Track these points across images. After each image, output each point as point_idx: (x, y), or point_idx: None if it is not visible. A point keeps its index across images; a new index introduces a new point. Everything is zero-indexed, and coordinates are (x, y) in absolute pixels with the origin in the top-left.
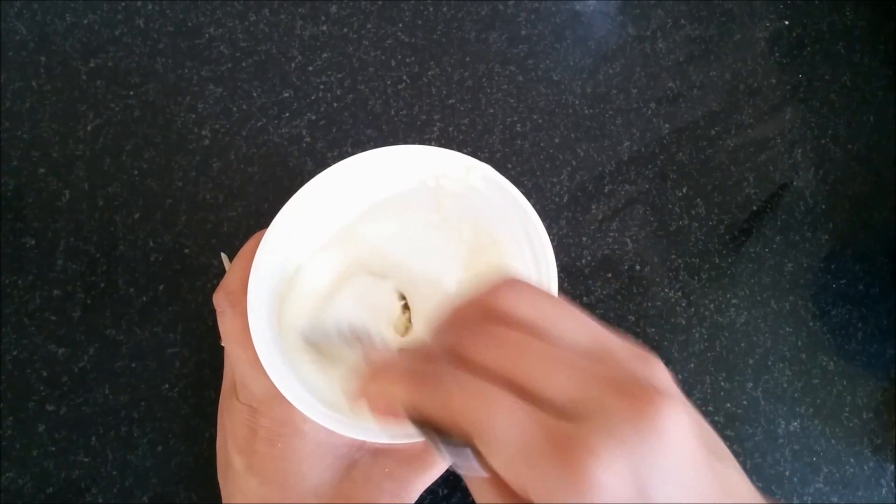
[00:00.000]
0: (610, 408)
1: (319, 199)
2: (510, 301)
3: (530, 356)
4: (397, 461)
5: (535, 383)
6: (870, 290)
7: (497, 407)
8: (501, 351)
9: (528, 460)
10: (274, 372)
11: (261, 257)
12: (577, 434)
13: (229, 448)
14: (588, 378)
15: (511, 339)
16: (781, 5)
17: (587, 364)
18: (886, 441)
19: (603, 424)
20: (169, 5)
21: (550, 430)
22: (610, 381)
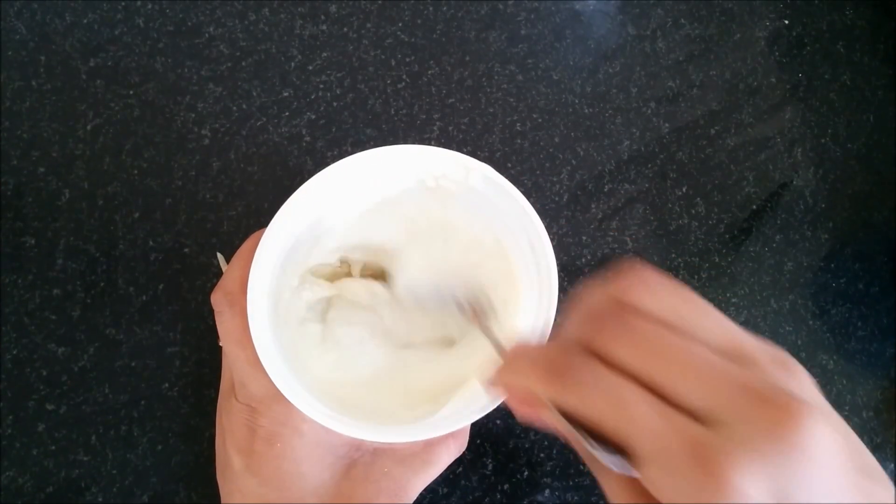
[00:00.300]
0: (751, 417)
1: (318, 198)
2: (647, 294)
3: (667, 355)
4: (396, 461)
5: (672, 384)
6: (869, 289)
7: (635, 410)
8: (637, 348)
9: (667, 466)
10: (273, 371)
11: (259, 257)
12: (716, 442)
13: (228, 447)
14: (727, 382)
15: (647, 335)
16: (781, 4)
17: (726, 367)
18: (886, 440)
19: (743, 434)
20: (169, 5)
21: (689, 436)
22: (750, 387)
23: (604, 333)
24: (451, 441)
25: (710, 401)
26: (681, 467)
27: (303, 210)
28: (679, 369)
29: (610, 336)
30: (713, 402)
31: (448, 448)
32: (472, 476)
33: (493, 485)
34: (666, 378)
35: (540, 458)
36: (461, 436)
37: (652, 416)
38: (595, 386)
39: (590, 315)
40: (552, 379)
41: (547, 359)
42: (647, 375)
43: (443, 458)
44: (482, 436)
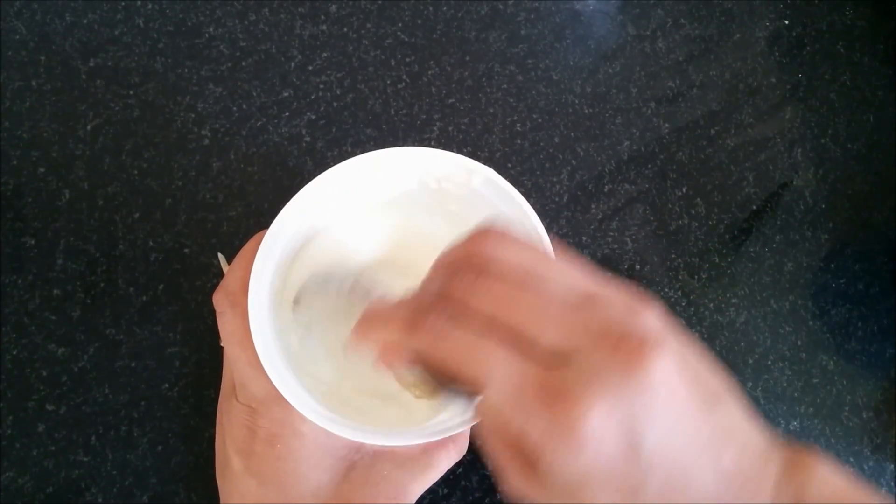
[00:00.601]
0: (597, 356)
1: (321, 199)
2: (498, 251)
3: (517, 301)
4: (395, 464)
5: (522, 327)
6: (869, 290)
7: (493, 357)
8: (492, 301)
9: (521, 407)
10: (274, 373)
11: (261, 258)
12: (565, 382)
13: (228, 448)
14: (575, 327)
15: (501, 289)
16: (781, 5)
17: (574, 313)
18: (886, 440)
19: (591, 372)
20: (168, 5)
21: (541, 378)
22: (597, 329)
23: (459, 282)
24: (450, 445)
25: (557, 343)
26: (533, 408)
27: (305, 211)
28: (528, 314)
29: (464, 284)
30: (561, 343)
31: (448, 452)
32: (473, 476)
33: (493, 485)
34: (516, 322)
35: None
36: (461, 440)
37: (503, 357)
38: (449, 332)
39: (447, 268)
40: (409, 327)
41: (406, 310)
42: (499, 320)
43: (442, 462)
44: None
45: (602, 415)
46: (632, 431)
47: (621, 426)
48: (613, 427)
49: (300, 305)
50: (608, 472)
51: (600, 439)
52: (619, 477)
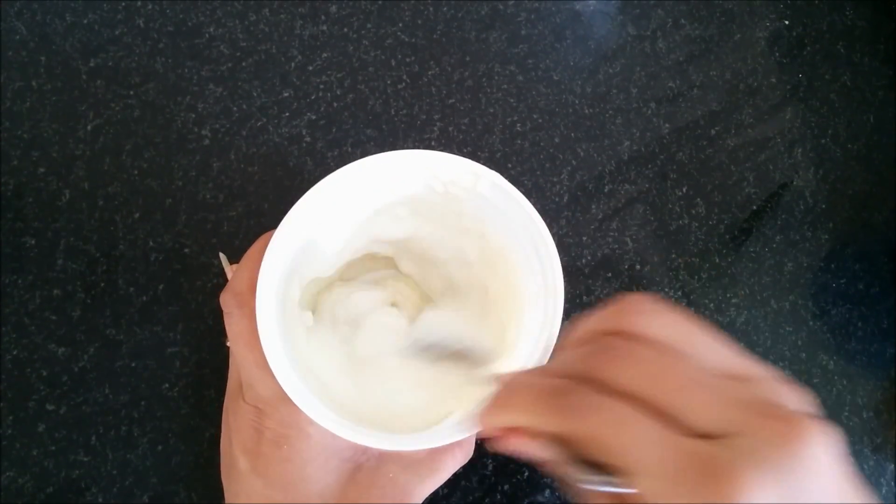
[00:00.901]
0: (756, 431)
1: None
2: (643, 320)
3: (668, 377)
4: (402, 467)
5: (675, 406)
6: (870, 290)
7: (639, 431)
8: (638, 372)
9: (676, 485)
10: (281, 374)
11: (269, 258)
12: (723, 457)
13: (234, 448)
14: (731, 401)
15: (647, 358)
16: (781, 5)
17: (728, 386)
18: (886, 440)
19: (750, 448)
20: (169, 5)
21: (696, 454)
22: (753, 404)
23: (601, 358)
24: (456, 449)
25: (713, 419)
26: (688, 479)
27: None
28: (680, 391)
29: (608, 361)
30: (717, 419)
31: (454, 455)
32: (473, 476)
33: (494, 485)
34: (667, 401)
35: None
36: (467, 443)
37: (655, 433)
38: (596, 410)
39: (584, 342)
40: (551, 408)
41: (544, 389)
42: (648, 398)
43: (448, 465)
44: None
45: (764, 490)
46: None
47: (782, 501)
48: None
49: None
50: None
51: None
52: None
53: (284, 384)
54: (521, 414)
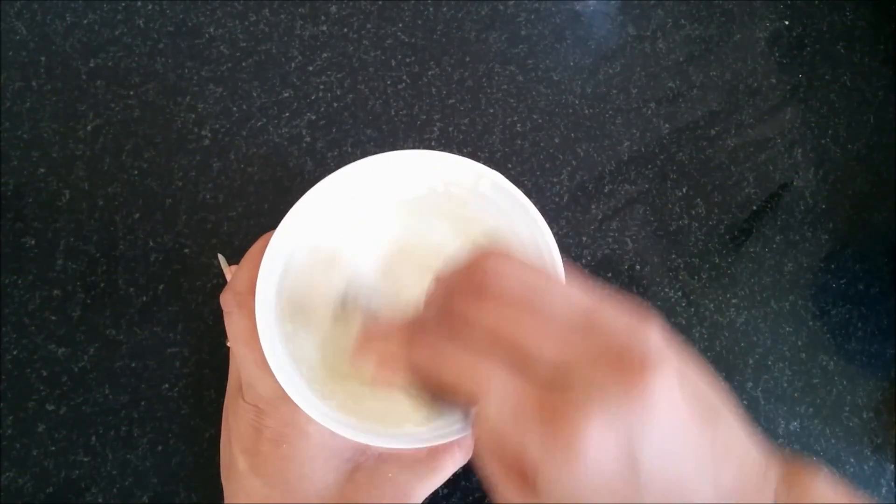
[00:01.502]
0: (598, 378)
1: (329, 201)
2: (500, 270)
3: (519, 325)
4: (401, 466)
5: (523, 351)
6: (870, 290)
7: (491, 374)
8: (492, 319)
9: (519, 424)
10: (281, 373)
11: (269, 258)
12: (566, 402)
13: (234, 448)
14: (575, 346)
15: (501, 308)
16: (781, 5)
17: (574, 333)
18: (886, 441)
19: (590, 390)
20: (169, 5)
21: (540, 396)
22: (597, 349)
23: (460, 300)
24: (455, 448)
25: (557, 361)
26: (529, 422)
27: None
28: (527, 332)
29: (465, 303)
30: (560, 362)
31: (453, 455)
32: (473, 476)
33: None
34: (515, 340)
35: None
36: (466, 444)
37: (501, 373)
38: (448, 347)
39: (447, 286)
40: (408, 341)
41: (407, 325)
42: (499, 338)
43: (448, 465)
44: None
45: (600, 432)
46: (630, 449)
47: (620, 443)
48: (612, 444)
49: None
50: (605, 490)
51: (598, 456)
52: (616, 494)
53: (284, 383)
54: (383, 344)
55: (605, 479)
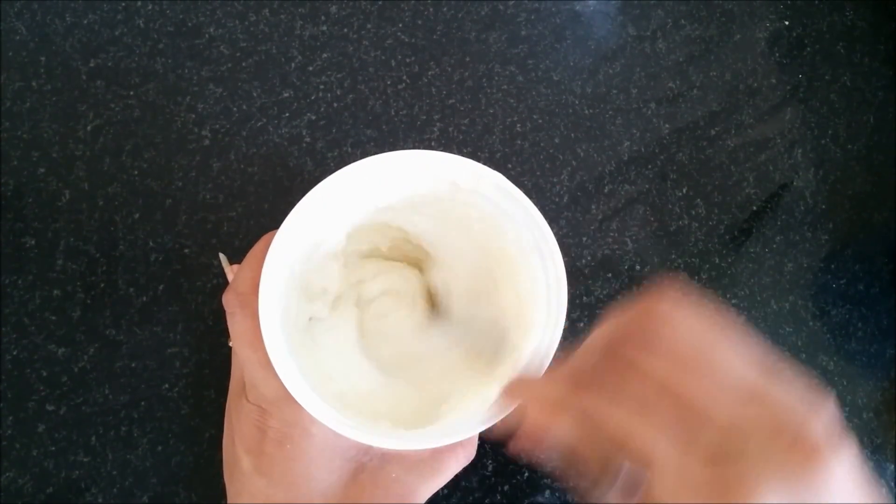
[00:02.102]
0: (771, 449)
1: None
2: (673, 322)
3: (691, 386)
4: (405, 467)
5: (695, 416)
6: (870, 290)
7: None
8: (664, 375)
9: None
10: (285, 374)
11: (272, 258)
12: (739, 471)
13: (237, 448)
14: (747, 417)
15: (674, 366)
16: (781, 5)
17: (747, 404)
18: (886, 441)
19: (765, 465)
20: (169, 5)
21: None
22: (771, 424)
23: (632, 344)
24: (459, 449)
25: (727, 429)
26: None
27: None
28: (699, 393)
29: (634, 352)
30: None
31: (456, 456)
32: (473, 477)
33: (494, 486)
34: (687, 399)
35: (540, 459)
36: (469, 444)
37: (675, 429)
38: (622, 394)
39: (613, 334)
40: (576, 385)
41: (568, 369)
42: (672, 390)
43: (451, 465)
44: (483, 437)
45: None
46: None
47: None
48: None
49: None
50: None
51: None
52: None
53: (288, 384)
54: (545, 388)
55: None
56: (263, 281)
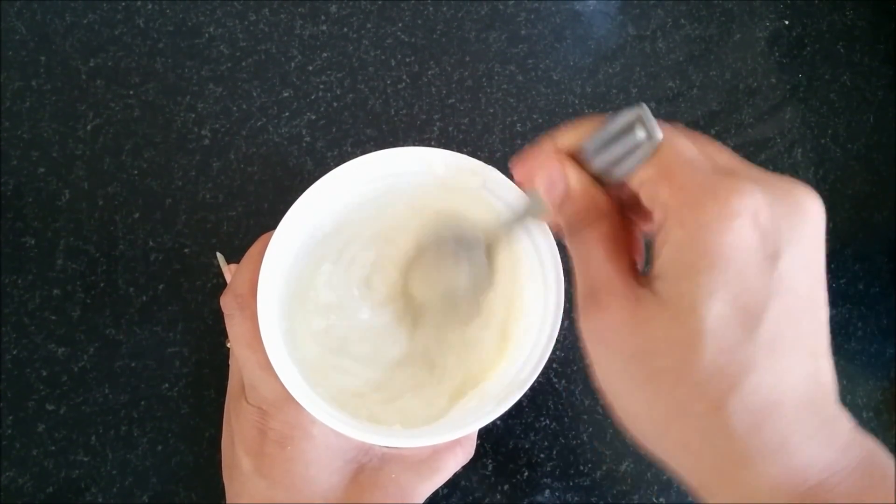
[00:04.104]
0: (769, 177)
1: (327, 199)
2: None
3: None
4: (404, 467)
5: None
6: (869, 290)
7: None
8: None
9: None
10: (285, 375)
11: (269, 259)
12: (737, 174)
13: (237, 449)
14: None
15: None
16: (781, 5)
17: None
18: (886, 440)
19: (759, 184)
20: (169, 5)
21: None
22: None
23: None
24: (458, 448)
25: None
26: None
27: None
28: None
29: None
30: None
31: (455, 455)
32: (473, 476)
33: (493, 485)
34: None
35: (540, 459)
36: (468, 443)
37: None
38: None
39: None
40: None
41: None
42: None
43: (450, 464)
44: (482, 436)
45: (760, 201)
46: (774, 241)
47: (768, 232)
48: (764, 220)
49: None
50: (740, 266)
51: (751, 219)
52: (747, 279)
53: (288, 384)
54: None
55: (744, 250)
56: (261, 282)
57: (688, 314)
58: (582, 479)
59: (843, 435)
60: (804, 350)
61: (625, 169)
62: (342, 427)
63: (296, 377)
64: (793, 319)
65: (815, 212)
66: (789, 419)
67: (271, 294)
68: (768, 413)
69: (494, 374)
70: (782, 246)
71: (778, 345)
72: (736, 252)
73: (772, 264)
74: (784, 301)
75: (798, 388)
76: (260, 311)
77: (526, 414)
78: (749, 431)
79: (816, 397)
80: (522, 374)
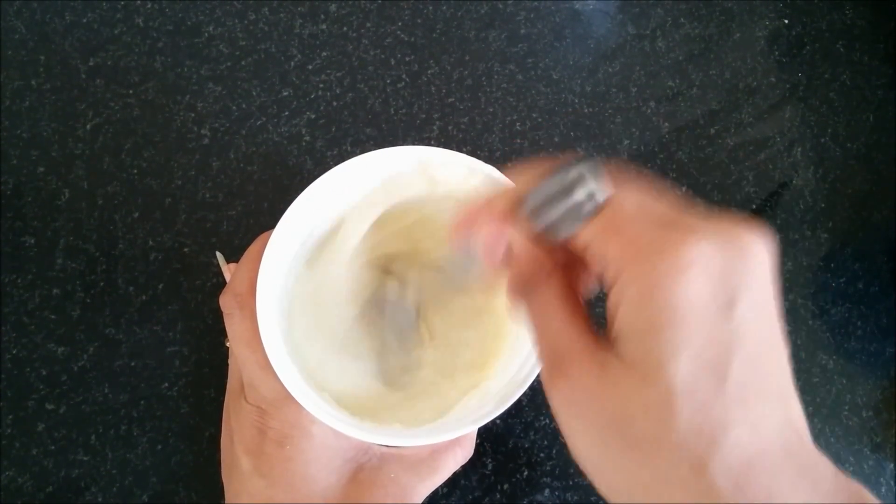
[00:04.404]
0: (713, 225)
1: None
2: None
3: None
4: (403, 467)
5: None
6: (869, 289)
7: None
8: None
9: (649, 222)
10: (284, 374)
11: (268, 258)
12: (683, 227)
13: (236, 448)
14: (690, 216)
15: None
16: (781, 4)
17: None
18: (886, 439)
19: (708, 224)
20: (168, 4)
21: (662, 220)
22: (713, 220)
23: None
24: (457, 448)
25: (679, 212)
26: (651, 230)
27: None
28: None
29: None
30: (679, 216)
31: (454, 455)
32: (472, 476)
33: (493, 485)
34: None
35: (540, 458)
36: (467, 443)
37: (640, 191)
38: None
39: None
40: (522, 172)
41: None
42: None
43: (449, 464)
44: (482, 436)
45: (708, 250)
46: (727, 289)
47: (722, 279)
48: (714, 269)
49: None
50: (699, 319)
51: (702, 269)
52: (707, 332)
53: (287, 384)
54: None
55: (701, 300)
56: (260, 281)
57: (656, 374)
58: (582, 479)
59: (826, 480)
60: (774, 395)
61: (568, 228)
62: (341, 426)
63: (295, 376)
64: (758, 366)
65: (763, 252)
66: (772, 472)
67: (270, 293)
68: (750, 468)
69: (494, 372)
70: (736, 293)
71: (748, 395)
72: (691, 304)
73: (728, 313)
74: (746, 349)
75: (775, 437)
76: (259, 310)
77: (526, 413)
78: (734, 491)
79: (793, 443)
80: (522, 373)
